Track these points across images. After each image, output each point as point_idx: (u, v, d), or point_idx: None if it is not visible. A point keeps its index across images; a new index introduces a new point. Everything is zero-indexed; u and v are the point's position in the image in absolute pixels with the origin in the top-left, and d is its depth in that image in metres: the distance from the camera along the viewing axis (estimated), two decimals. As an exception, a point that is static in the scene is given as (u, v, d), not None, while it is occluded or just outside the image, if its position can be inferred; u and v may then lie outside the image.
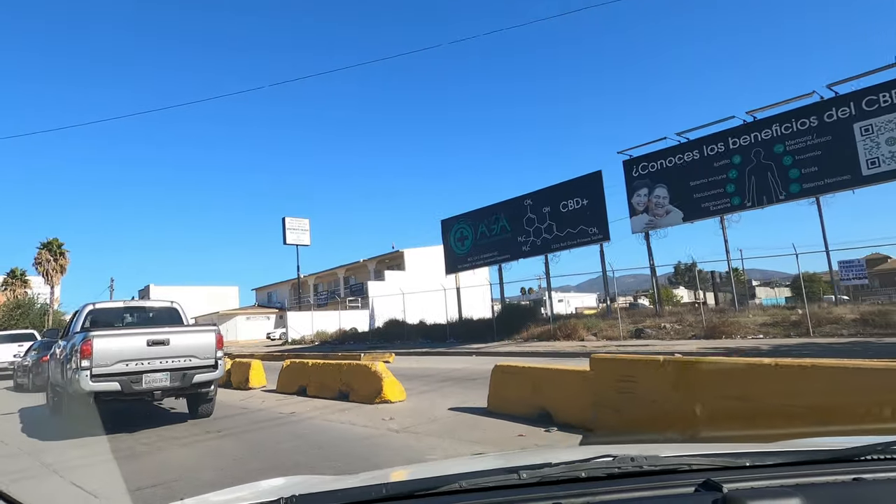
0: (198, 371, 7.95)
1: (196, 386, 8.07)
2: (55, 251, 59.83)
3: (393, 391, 9.14)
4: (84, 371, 7.28)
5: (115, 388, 7.43)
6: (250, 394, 11.88)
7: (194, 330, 8.37)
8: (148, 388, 7.61)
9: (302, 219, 42.10)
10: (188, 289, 67.55)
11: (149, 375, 7.61)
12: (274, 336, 49.87)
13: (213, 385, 8.44)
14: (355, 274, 52.31)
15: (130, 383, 7.47)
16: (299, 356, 21.31)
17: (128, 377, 7.48)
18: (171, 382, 7.75)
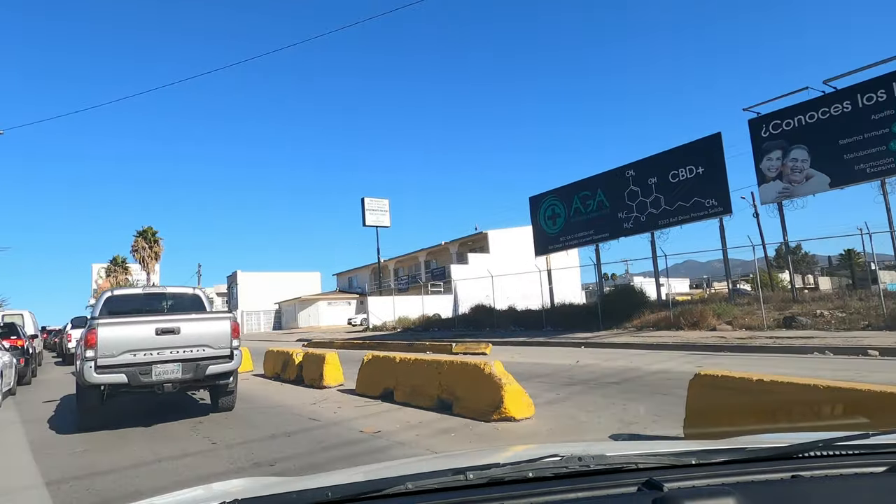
0: (212, 362, 7.34)
1: (211, 378, 7.47)
2: (150, 238, 62.04)
3: (517, 404, 6.40)
4: (89, 362, 6.85)
5: (122, 380, 6.95)
6: (324, 395, 9.55)
7: (207, 317, 7.65)
8: (158, 381, 7.08)
9: (381, 199, 40.28)
10: (273, 275, 68.39)
11: (159, 367, 7.08)
12: (355, 322, 48.77)
13: (231, 377, 7.79)
14: (436, 257, 50.19)
15: (139, 375, 6.98)
16: (382, 345, 19.39)
17: (135, 368, 6.98)
18: (182, 374, 7.19)
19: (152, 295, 9.24)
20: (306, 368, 10.94)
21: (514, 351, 16.72)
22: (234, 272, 71.00)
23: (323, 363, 10.28)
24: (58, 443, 6.84)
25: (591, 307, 25.53)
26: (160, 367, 7.13)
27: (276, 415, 8.02)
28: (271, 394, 10.36)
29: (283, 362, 12.01)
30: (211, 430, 7.11)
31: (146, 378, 7.06)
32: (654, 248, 24.95)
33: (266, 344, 28.91)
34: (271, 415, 8.09)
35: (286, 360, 11.89)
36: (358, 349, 20.00)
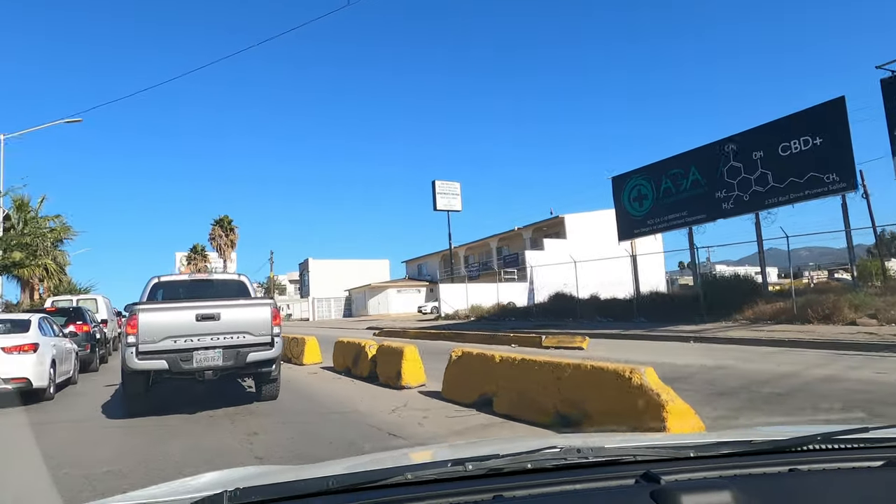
0: (252, 349, 7.20)
1: (252, 366, 7.35)
2: (226, 227, 63.22)
3: (685, 431, 4.45)
4: (131, 348, 6.86)
5: (163, 366, 6.92)
6: (403, 398, 7.93)
7: (247, 304, 7.49)
8: (198, 367, 6.99)
9: (452, 182, 38.62)
10: (343, 262, 68.53)
11: (199, 353, 6.99)
12: (425, 309, 47.64)
13: (273, 364, 7.61)
14: (509, 244, 48.13)
15: (179, 361, 6.91)
16: (459, 335, 17.76)
17: (176, 355, 6.91)
18: (223, 361, 7.06)
19: (198, 281, 9.01)
20: (381, 364, 9.38)
21: (612, 345, 14.61)
22: (306, 259, 71.72)
23: (401, 359, 8.67)
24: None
25: (689, 297, 22.87)
26: (201, 353, 7.00)
27: (345, 424, 6.50)
28: (340, 393, 8.88)
29: (354, 355, 10.53)
30: (264, 436, 5.77)
31: (187, 365, 6.94)
32: (760, 231, 22.01)
33: (336, 332, 28.16)
34: (337, 423, 6.60)
35: (358, 352, 10.39)
36: (433, 339, 18.47)
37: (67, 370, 11.09)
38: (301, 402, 8.13)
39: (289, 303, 72.10)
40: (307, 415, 7.13)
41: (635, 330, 18.02)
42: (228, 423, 6.76)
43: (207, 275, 10.55)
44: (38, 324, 9.90)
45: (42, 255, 29.70)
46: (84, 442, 6.23)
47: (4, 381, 8.65)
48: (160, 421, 6.94)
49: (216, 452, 5.36)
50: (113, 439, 6.23)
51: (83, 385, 11.67)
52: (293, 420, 6.79)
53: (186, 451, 5.44)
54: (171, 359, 6.90)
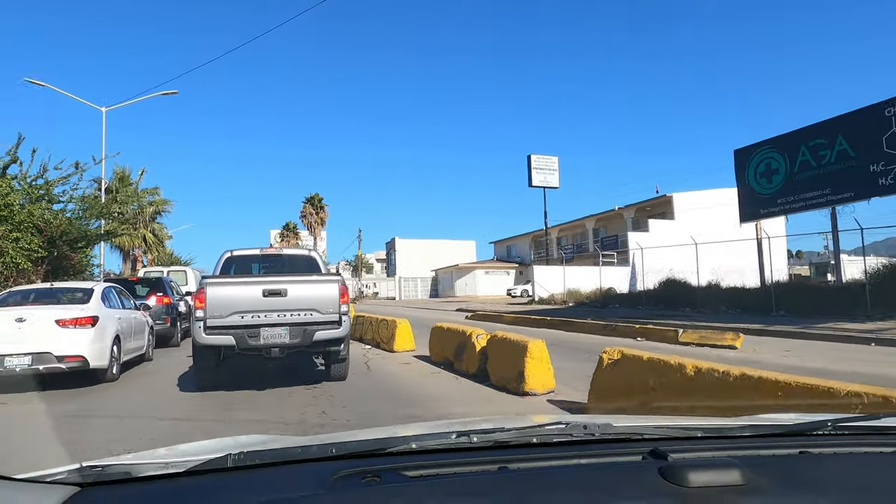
0: (319, 328, 6.96)
1: (320, 344, 7.13)
2: (316, 205, 63.92)
3: None
4: (199, 322, 6.79)
5: (230, 342, 6.80)
6: (528, 409, 5.86)
7: (314, 280, 7.32)
8: (265, 344, 6.85)
9: (550, 157, 35.80)
10: (430, 242, 67.77)
11: (267, 330, 6.83)
12: (515, 293, 45.46)
13: (341, 344, 7.34)
14: (606, 225, 44.74)
15: (247, 337, 6.77)
16: (567, 322, 15.35)
17: (243, 331, 6.77)
18: (290, 339, 6.88)
19: (269, 256, 8.86)
20: (494, 359, 7.35)
21: (768, 344, 11.76)
22: (393, 238, 71.45)
23: (524, 356, 6.53)
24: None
25: (842, 288, 19.22)
26: (268, 330, 6.87)
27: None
28: (441, 394, 6.99)
29: (457, 345, 8.57)
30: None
31: (254, 341, 6.83)
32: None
33: (424, 313, 26.81)
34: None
35: (462, 342, 8.42)
36: (534, 326, 16.29)
37: (139, 346, 9.97)
38: (393, 402, 6.38)
39: (375, 281, 72.27)
40: (401, 420, 5.29)
41: (781, 325, 14.91)
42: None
43: (278, 249, 9.80)
44: (102, 294, 8.70)
45: (141, 227, 30.43)
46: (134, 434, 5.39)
47: (58, 359, 7.44)
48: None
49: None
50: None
51: (158, 362, 10.58)
52: (379, 423, 4.92)
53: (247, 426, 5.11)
54: (238, 335, 6.77)
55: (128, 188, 28.99)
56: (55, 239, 16.36)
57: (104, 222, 19.77)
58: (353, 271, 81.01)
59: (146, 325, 10.67)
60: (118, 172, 28.97)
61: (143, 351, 10.28)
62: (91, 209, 17.40)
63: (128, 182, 29.59)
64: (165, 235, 37.77)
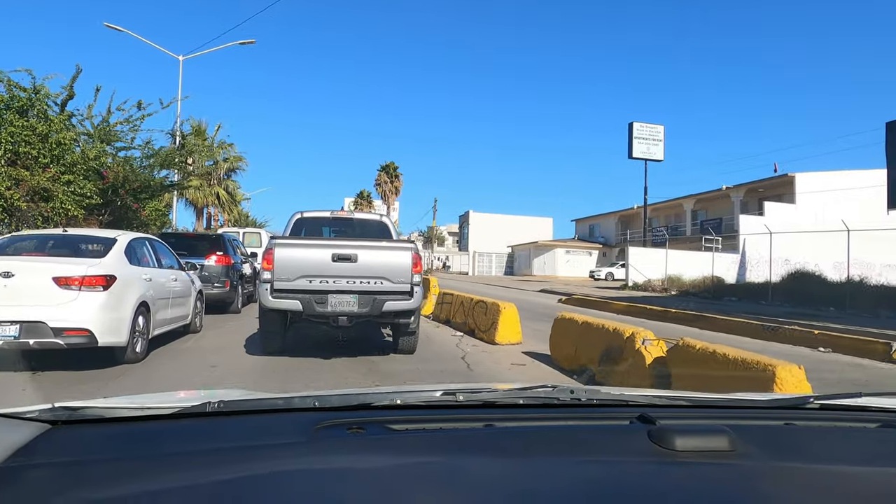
0: (389, 297, 6.57)
1: (389, 315, 6.76)
2: (391, 173, 62.96)
3: None
4: (266, 285, 6.50)
5: (297, 307, 6.48)
6: None
7: (386, 246, 6.92)
8: (332, 312, 6.51)
9: (655, 125, 31.73)
10: (504, 217, 65.46)
11: (335, 297, 6.49)
12: (599, 275, 42.01)
13: (412, 316, 6.96)
14: (707, 206, 40.21)
15: (314, 303, 6.45)
16: (701, 318, 12.15)
17: (311, 296, 6.45)
18: (359, 307, 6.52)
19: (340, 219, 8.59)
20: (684, 379, 4.59)
21: None
22: (467, 212, 69.21)
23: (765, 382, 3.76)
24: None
25: None
26: (336, 297, 6.50)
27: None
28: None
29: (604, 349, 5.86)
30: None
31: (321, 308, 6.47)
32: None
33: (504, 292, 24.28)
34: None
35: (615, 346, 5.69)
36: (653, 318, 13.23)
37: (180, 315, 7.97)
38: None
39: (448, 255, 70.35)
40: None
41: None
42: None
43: (349, 213, 9.05)
44: (127, 247, 6.59)
45: (215, 184, 29.36)
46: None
47: (54, 332, 5.37)
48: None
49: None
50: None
51: (206, 334, 8.64)
52: None
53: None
54: (305, 300, 6.45)
55: (201, 141, 27.80)
56: (116, 187, 14.89)
57: (174, 173, 18.30)
58: (424, 242, 79.74)
59: (192, 288, 8.65)
60: (194, 126, 27.80)
61: (186, 321, 8.29)
62: (156, 156, 15.75)
63: (203, 136, 28.43)
64: (240, 195, 36.90)
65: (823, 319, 14.65)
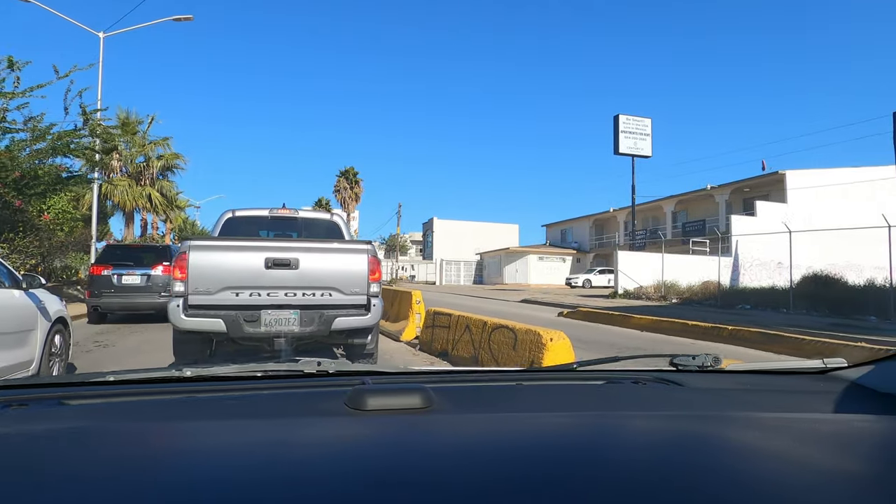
0: (340, 312, 5.34)
1: (340, 335, 5.55)
2: (351, 179, 60.38)
3: None
4: (177, 300, 5.07)
5: (219, 327, 5.07)
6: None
7: (336, 248, 5.60)
8: (267, 332, 5.16)
9: (642, 118, 29.27)
10: (470, 224, 63.52)
11: (270, 313, 5.16)
12: (576, 282, 39.53)
13: (368, 335, 5.80)
14: (688, 207, 38.31)
15: (243, 322, 5.07)
16: (777, 339, 8.75)
17: (238, 312, 5.07)
18: (300, 326, 5.23)
19: (280, 219, 6.97)
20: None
21: None
22: (431, 219, 66.54)
23: None
24: None
25: None
26: (271, 313, 5.18)
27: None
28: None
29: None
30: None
31: (252, 327, 5.13)
32: None
33: (485, 303, 21.32)
34: None
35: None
36: (709, 339, 10.32)
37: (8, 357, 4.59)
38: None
39: (412, 264, 67.20)
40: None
41: None
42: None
43: (293, 211, 7.06)
44: None
45: (146, 184, 25.35)
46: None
47: None
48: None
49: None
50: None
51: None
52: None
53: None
54: (230, 318, 5.10)
55: (130, 135, 23.83)
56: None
57: (79, 163, 14.53)
58: (386, 251, 76.31)
59: (38, 318, 5.25)
60: (121, 116, 23.85)
61: (28, 368, 4.91)
62: (44, 137, 12.04)
63: (133, 128, 24.44)
64: (182, 201, 32.85)
65: (857, 329, 12.26)
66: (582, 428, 1.05)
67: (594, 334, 10.65)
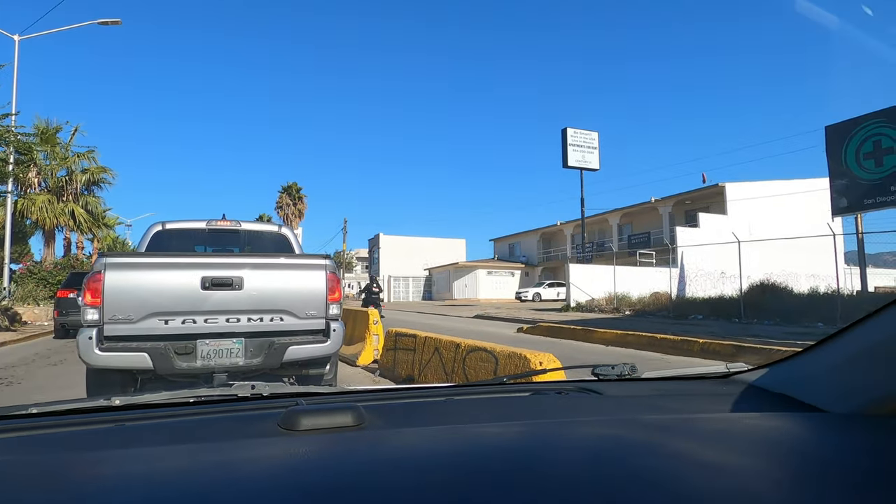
0: (294, 339, 4.53)
1: (293, 366, 4.67)
2: (294, 195, 59.14)
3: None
4: (90, 330, 4.12)
5: (143, 363, 4.15)
6: None
7: (288, 264, 4.72)
8: (204, 367, 4.27)
9: (589, 132, 29.41)
10: (416, 240, 62.83)
11: (208, 343, 4.30)
12: (525, 296, 39.40)
13: (327, 365, 4.89)
14: (633, 220, 38.99)
15: (172, 356, 4.19)
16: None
17: (168, 344, 4.21)
18: (246, 358, 4.37)
19: (220, 231, 6.04)
20: None
21: None
22: (377, 235, 65.45)
23: None
24: None
25: None
26: (209, 344, 4.30)
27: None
28: None
29: None
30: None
31: (186, 361, 4.23)
32: None
33: (438, 320, 20.59)
34: None
35: None
36: (676, 353, 10.00)
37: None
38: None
39: (359, 281, 65.82)
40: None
41: None
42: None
43: (234, 223, 6.10)
44: None
45: (69, 200, 23.31)
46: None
47: None
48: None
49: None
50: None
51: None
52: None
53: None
54: (157, 351, 4.14)
55: (50, 147, 21.93)
56: None
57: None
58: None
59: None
60: (40, 127, 21.85)
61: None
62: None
63: (53, 140, 22.45)
64: (111, 219, 30.69)
65: (790, 338, 12.40)
66: (509, 436, 1.09)
67: (560, 351, 10.13)
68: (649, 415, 1.31)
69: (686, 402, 1.45)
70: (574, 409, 1.41)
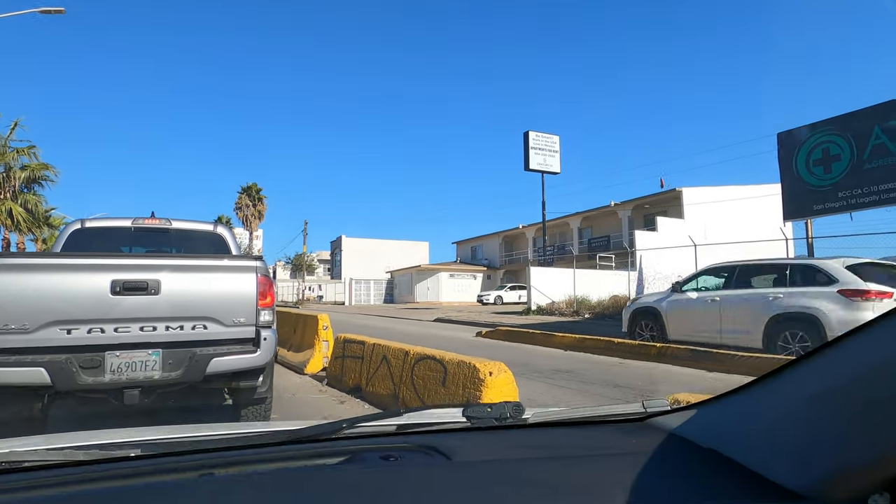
0: (219, 349, 4.05)
1: (218, 379, 4.15)
2: (254, 196, 57.84)
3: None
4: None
5: (41, 378, 3.58)
6: None
7: (213, 266, 4.23)
8: (114, 382, 3.78)
9: (550, 135, 29.52)
10: (379, 242, 62.35)
11: (118, 355, 3.80)
12: (487, 299, 39.33)
13: (259, 376, 4.37)
14: (593, 224, 39.43)
15: (76, 370, 3.67)
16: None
17: (70, 357, 3.68)
18: (163, 371, 3.89)
19: (147, 230, 5.50)
20: None
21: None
22: (339, 237, 64.68)
23: None
24: None
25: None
26: (121, 355, 3.79)
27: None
28: None
29: None
30: None
31: (92, 376, 3.71)
32: None
33: (401, 324, 20.14)
34: None
35: None
36: (636, 357, 9.90)
37: None
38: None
39: (320, 284, 64.74)
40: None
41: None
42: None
43: (164, 221, 5.48)
44: None
45: (6, 198, 22.03)
46: None
47: None
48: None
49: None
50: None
51: None
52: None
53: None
54: (57, 364, 3.59)
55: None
56: None
57: None
58: (293, 271, 73.15)
59: None
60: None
61: None
62: None
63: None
64: (57, 218, 29.16)
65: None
66: None
67: (518, 356, 9.94)
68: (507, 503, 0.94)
69: (577, 472, 1.06)
70: (388, 493, 0.97)
